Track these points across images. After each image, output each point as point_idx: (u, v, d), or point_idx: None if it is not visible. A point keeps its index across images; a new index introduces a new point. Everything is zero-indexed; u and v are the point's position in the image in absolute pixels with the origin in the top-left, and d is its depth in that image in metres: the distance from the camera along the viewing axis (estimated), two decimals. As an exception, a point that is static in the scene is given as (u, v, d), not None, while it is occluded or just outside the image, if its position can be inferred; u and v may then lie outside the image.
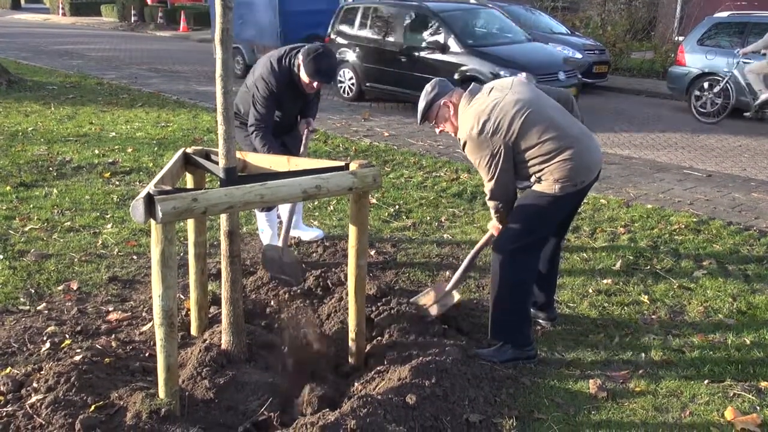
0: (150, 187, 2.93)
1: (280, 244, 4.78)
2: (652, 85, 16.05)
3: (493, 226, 4.09)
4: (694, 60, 12.33)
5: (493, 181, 3.74)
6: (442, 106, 3.88)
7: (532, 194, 3.79)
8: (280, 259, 4.68)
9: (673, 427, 3.44)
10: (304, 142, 5.00)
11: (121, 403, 3.27)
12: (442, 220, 6.37)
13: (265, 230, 5.29)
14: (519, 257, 3.83)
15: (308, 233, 5.75)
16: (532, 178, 3.78)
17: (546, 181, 3.71)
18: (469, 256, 4.31)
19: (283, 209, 5.62)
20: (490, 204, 3.91)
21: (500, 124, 3.67)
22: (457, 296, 4.30)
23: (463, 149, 3.79)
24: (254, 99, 4.76)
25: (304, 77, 4.69)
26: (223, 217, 3.46)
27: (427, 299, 4.35)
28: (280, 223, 5.37)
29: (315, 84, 4.71)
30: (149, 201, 2.85)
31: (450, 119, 3.88)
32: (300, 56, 4.67)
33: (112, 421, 3.15)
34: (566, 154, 3.66)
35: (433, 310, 4.27)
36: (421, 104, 3.93)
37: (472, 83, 3.99)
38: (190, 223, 3.90)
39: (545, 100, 3.80)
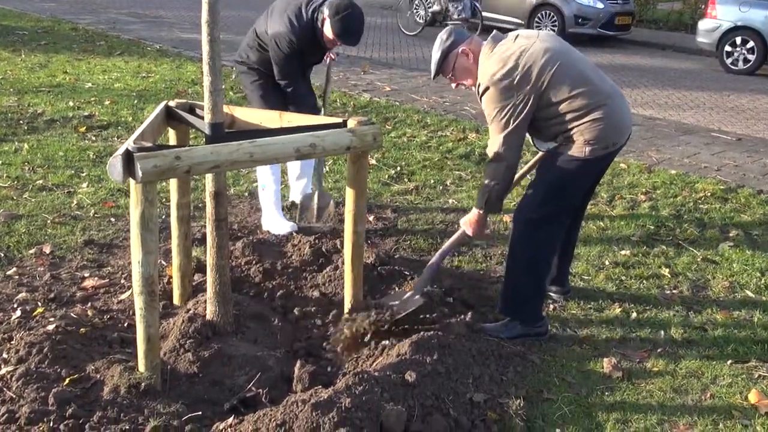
0: (129, 144, 2.91)
1: (311, 189, 5.15)
2: (680, 39, 15.93)
3: (470, 220, 3.90)
4: (726, 12, 12.21)
5: (504, 135, 3.61)
6: (460, 54, 3.74)
7: (557, 157, 3.72)
8: (317, 205, 5.10)
9: (692, 410, 3.47)
10: (327, 75, 5.02)
11: (98, 376, 3.29)
12: (448, 184, 6.35)
13: (267, 188, 5.21)
14: (541, 228, 3.80)
15: None
16: (558, 139, 3.74)
17: (575, 143, 3.66)
18: (435, 258, 4.09)
19: (292, 167, 5.60)
20: (485, 177, 3.76)
21: (529, 72, 3.56)
22: (420, 300, 3.93)
23: (480, 99, 3.69)
24: (277, 56, 4.72)
25: (328, 33, 4.63)
26: (209, 177, 3.44)
27: (391, 302, 3.97)
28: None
29: (339, 43, 4.70)
30: (128, 158, 2.83)
31: (469, 69, 3.75)
32: (326, 10, 4.59)
33: (87, 396, 3.18)
34: (598, 112, 3.61)
35: (396, 312, 3.86)
36: (436, 55, 3.76)
37: (494, 31, 3.91)
38: (173, 183, 3.88)
39: (575, 53, 3.73)
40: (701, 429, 3.33)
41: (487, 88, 3.62)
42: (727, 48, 11.99)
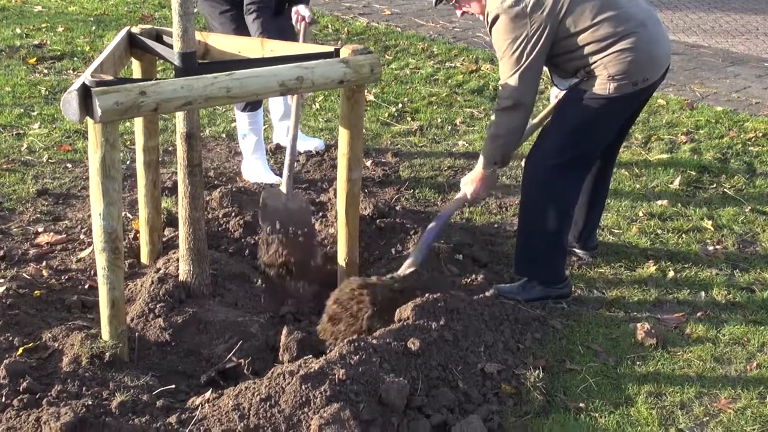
0: (86, 77, 2.88)
1: (282, 186, 4.37)
2: (730, -47, 15.70)
3: (475, 178, 3.87)
4: None
5: (518, 74, 3.59)
6: None
7: (579, 95, 3.70)
8: (285, 206, 4.21)
9: (736, 382, 3.51)
10: (301, 38, 4.86)
11: (56, 345, 3.32)
12: (457, 123, 6.33)
13: (248, 136, 5.20)
14: (559, 177, 3.80)
15: (306, 143, 5.71)
16: (579, 74, 3.71)
17: (598, 78, 3.63)
18: (428, 229, 3.93)
19: (275, 106, 5.56)
20: (495, 128, 3.73)
21: None
22: (411, 269, 3.77)
23: (490, 30, 3.67)
24: None
25: None
26: (180, 116, 3.42)
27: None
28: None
29: None
30: (85, 94, 2.81)
31: None
32: None
33: (44, 367, 3.21)
34: (626, 42, 3.57)
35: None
36: None
37: None
38: (138, 124, 3.87)
39: None
40: (746, 403, 3.38)
41: (496, 17, 3.59)
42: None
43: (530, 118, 3.84)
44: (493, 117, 3.86)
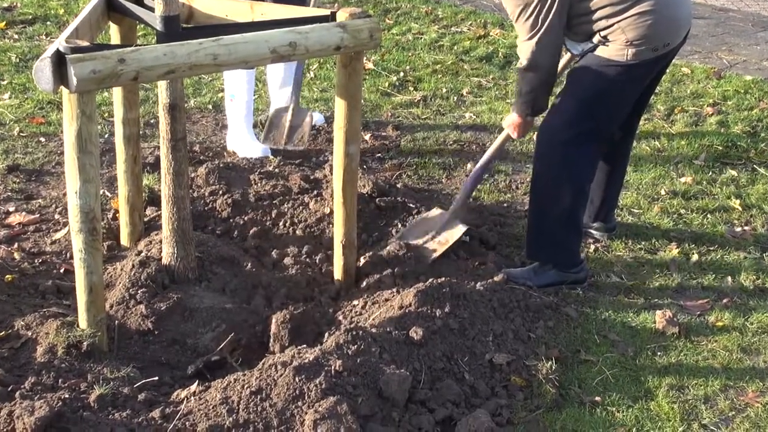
0: (60, 43, 2.88)
1: (286, 103, 4.96)
2: None
3: (512, 123, 3.98)
4: None
5: (535, 39, 3.61)
6: None
7: (594, 62, 3.70)
8: (289, 124, 5.05)
9: (764, 374, 3.52)
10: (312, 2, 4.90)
11: (29, 334, 3.33)
12: (464, 94, 6.32)
13: (238, 98, 5.19)
14: (573, 151, 3.80)
15: None
16: (595, 39, 3.70)
17: (614, 43, 3.62)
18: (475, 172, 4.24)
19: (273, 73, 5.54)
20: (520, 84, 3.82)
21: None
22: (463, 228, 4.17)
23: None
24: None
25: None
26: (162, 86, 3.41)
27: (419, 235, 4.20)
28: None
29: None
30: (59, 62, 2.81)
31: None
32: None
33: (17, 358, 3.22)
34: (646, 4, 3.55)
35: (430, 252, 4.11)
36: None
37: None
38: (117, 94, 3.86)
39: None
40: (775, 397, 3.40)
41: None
42: None
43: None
44: (517, 78, 3.91)
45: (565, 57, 4.11)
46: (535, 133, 4.17)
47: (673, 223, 4.64)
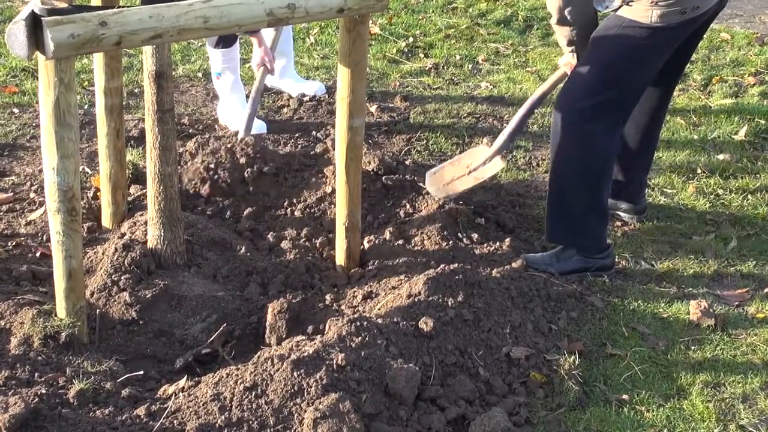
0: (35, 4, 2.87)
1: (246, 112, 4.81)
2: None
3: (567, 63, 4.04)
4: None
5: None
6: None
7: (617, 23, 3.70)
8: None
9: (808, 371, 3.53)
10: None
11: (2, 323, 3.34)
12: (480, 61, 6.30)
13: (224, 75, 5.21)
14: (592, 122, 3.79)
15: (303, 86, 5.69)
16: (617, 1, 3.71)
17: (639, 3, 3.62)
18: (525, 107, 4.28)
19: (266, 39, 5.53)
20: (559, 31, 3.87)
21: None
22: (501, 163, 4.31)
23: None
24: None
25: None
26: (148, 52, 3.41)
27: (452, 172, 4.35)
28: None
29: None
30: (35, 25, 2.80)
31: None
32: None
33: (-11, 350, 3.24)
34: None
35: (460, 185, 4.28)
36: None
37: None
38: (98, 61, 3.86)
39: None
40: (820, 395, 3.40)
41: None
42: None
43: None
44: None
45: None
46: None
47: (709, 205, 4.64)
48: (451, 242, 4.03)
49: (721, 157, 5.10)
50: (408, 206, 4.29)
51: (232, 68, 5.17)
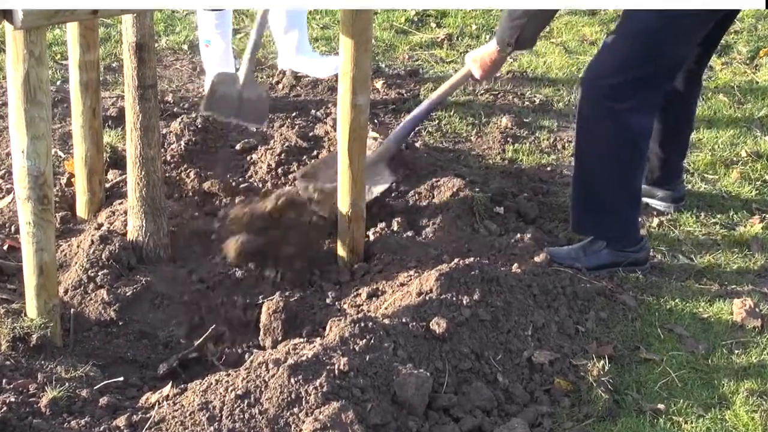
0: (2, -33, 2.88)
1: (240, 70, 4.72)
2: None
3: (480, 60, 3.98)
4: None
5: None
6: None
7: None
8: (239, 95, 4.58)
9: None
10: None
11: (-34, 324, 3.36)
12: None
13: (214, 42, 5.18)
14: (621, 101, 3.76)
15: (317, 64, 5.65)
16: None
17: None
18: (420, 108, 4.25)
19: (275, 13, 5.51)
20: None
21: None
22: (390, 178, 4.22)
23: None
24: None
25: None
26: (128, 21, 3.42)
27: (321, 175, 4.20)
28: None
29: None
30: (1, -10, 2.82)
31: None
32: None
33: (-48, 353, 3.25)
34: None
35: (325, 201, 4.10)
36: None
37: None
38: (72, 31, 3.86)
39: None
40: None
41: None
42: None
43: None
44: None
45: None
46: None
47: (755, 192, 4.64)
48: (466, 233, 4.04)
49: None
50: (418, 194, 4.28)
51: (223, 34, 5.14)
